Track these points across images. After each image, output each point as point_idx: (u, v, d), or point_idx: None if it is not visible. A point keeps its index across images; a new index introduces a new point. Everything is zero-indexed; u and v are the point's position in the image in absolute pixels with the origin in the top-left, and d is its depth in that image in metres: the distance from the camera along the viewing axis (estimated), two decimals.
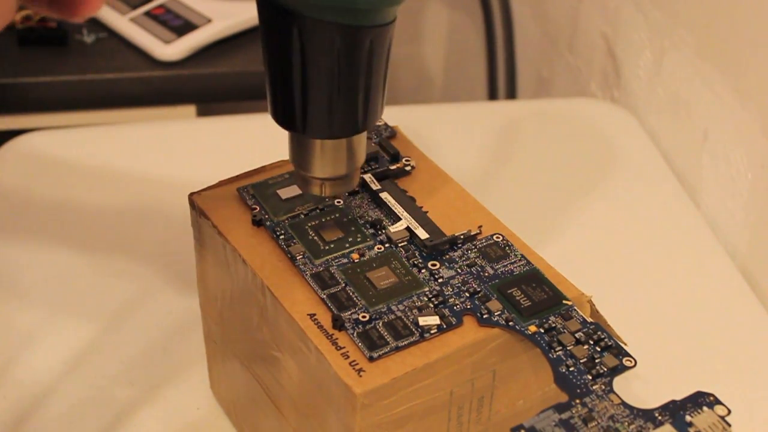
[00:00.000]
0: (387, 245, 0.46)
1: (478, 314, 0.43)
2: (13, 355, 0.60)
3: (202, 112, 1.11)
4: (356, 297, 0.43)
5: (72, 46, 1.07)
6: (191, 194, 0.49)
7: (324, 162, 0.44)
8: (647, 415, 0.38)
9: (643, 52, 0.84)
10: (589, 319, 0.43)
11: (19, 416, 0.56)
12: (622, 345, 0.42)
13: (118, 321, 0.62)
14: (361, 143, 0.44)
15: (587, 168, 0.78)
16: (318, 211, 0.48)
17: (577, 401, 0.39)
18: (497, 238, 0.47)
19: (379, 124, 0.53)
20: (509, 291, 0.44)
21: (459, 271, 0.45)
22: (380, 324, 0.42)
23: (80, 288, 0.64)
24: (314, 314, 0.43)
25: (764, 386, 0.60)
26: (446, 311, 0.43)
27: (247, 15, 1.10)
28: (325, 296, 0.43)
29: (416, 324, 0.42)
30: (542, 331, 0.42)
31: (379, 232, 0.47)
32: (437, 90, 1.44)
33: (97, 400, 0.57)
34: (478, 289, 0.44)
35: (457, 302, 0.43)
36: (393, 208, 0.48)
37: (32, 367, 0.59)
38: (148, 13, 1.10)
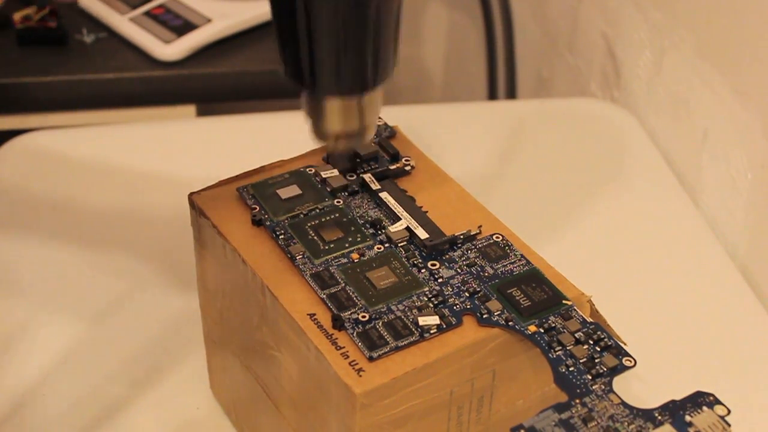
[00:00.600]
0: (387, 245, 0.46)
1: (478, 314, 0.43)
2: (12, 353, 0.60)
3: (202, 112, 1.11)
4: (356, 297, 0.43)
5: (72, 46, 1.07)
6: (191, 194, 0.49)
7: (334, 118, 0.43)
8: (647, 415, 0.38)
9: (643, 52, 0.84)
10: (589, 319, 0.43)
11: (19, 414, 0.56)
12: (622, 345, 0.42)
13: (118, 320, 0.62)
14: (374, 99, 0.43)
15: (587, 168, 0.78)
16: (318, 210, 0.48)
17: (577, 401, 0.39)
18: (497, 238, 0.47)
19: (379, 124, 0.53)
20: (509, 291, 0.44)
21: (459, 271, 0.45)
22: (380, 324, 0.42)
23: (80, 287, 0.64)
24: (314, 314, 0.43)
25: (764, 386, 0.60)
26: (446, 311, 0.43)
27: (247, 15, 1.10)
28: (324, 296, 0.43)
29: (416, 324, 0.42)
30: (542, 331, 0.42)
31: (379, 232, 0.47)
32: (437, 90, 1.44)
33: (96, 400, 0.57)
34: (478, 289, 0.44)
35: (456, 302, 0.43)
36: (393, 208, 0.48)
37: (32, 365, 0.59)
38: (148, 13, 1.10)
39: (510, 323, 0.42)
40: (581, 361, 0.41)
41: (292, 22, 0.40)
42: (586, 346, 0.41)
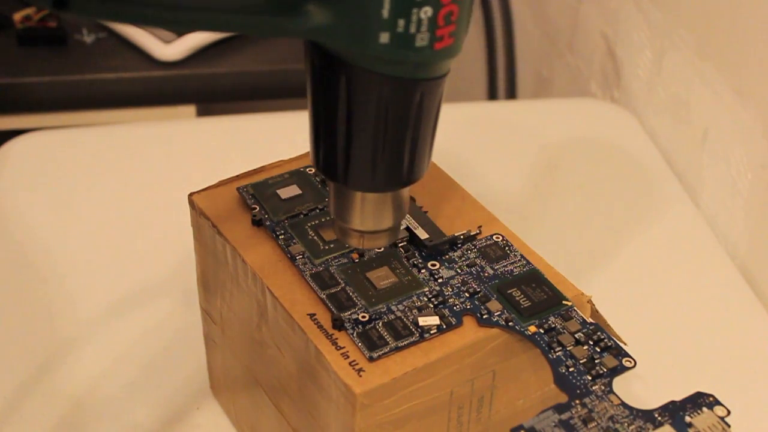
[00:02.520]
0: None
1: (478, 314, 0.43)
2: (11, 353, 0.60)
3: (202, 112, 1.11)
4: (356, 297, 0.43)
5: (72, 46, 1.08)
6: (191, 194, 0.49)
7: (365, 215, 0.42)
8: (647, 415, 0.38)
9: (643, 52, 0.84)
10: (589, 320, 0.43)
11: (18, 414, 0.56)
12: (622, 345, 0.42)
13: (118, 320, 0.62)
14: (404, 197, 0.42)
15: (587, 168, 0.78)
16: (318, 210, 0.48)
17: (577, 402, 0.39)
18: (497, 238, 0.47)
19: None
20: (509, 291, 0.44)
21: (459, 271, 0.45)
22: (380, 324, 0.42)
23: (79, 288, 0.64)
24: (314, 314, 0.43)
25: (764, 386, 0.60)
26: (446, 311, 0.43)
27: None
28: (324, 296, 0.43)
29: (416, 324, 0.42)
30: (542, 331, 0.42)
31: None
32: None
33: (96, 400, 0.57)
34: (478, 290, 0.44)
35: (456, 302, 0.43)
36: None
37: (31, 365, 0.59)
38: None
39: (510, 324, 0.42)
40: (581, 361, 0.41)
41: (331, 117, 0.39)
42: (586, 347, 0.41)
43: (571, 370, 0.41)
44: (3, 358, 0.59)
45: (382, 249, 0.46)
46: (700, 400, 0.39)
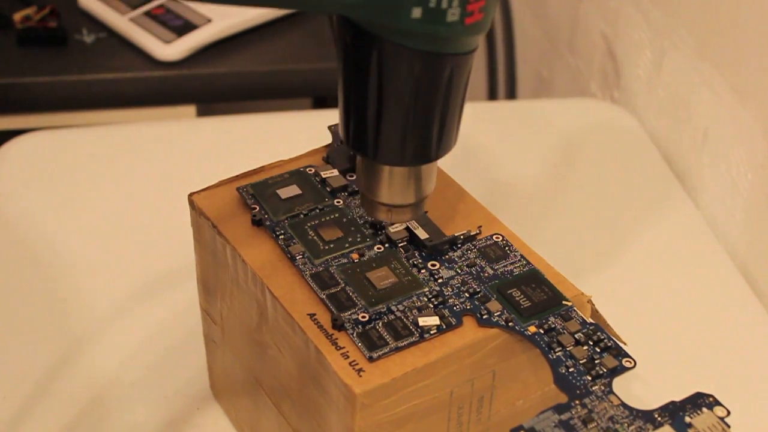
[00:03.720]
0: (387, 245, 0.46)
1: (478, 315, 0.43)
2: (11, 353, 0.60)
3: (202, 112, 1.11)
4: (356, 297, 0.43)
5: (72, 46, 1.07)
6: (191, 194, 0.49)
7: (392, 189, 0.42)
8: (647, 416, 0.38)
9: (643, 52, 0.84)
10: (589, 320, 0.43)
11: (21, 415, 0.56)
12: (622, 345, 0.42)
13: (118, 320, 0.62)
14: (432, 172, 0.43)
15: (587, 168, 0.78)
16: (318, 210, 0.48)
17: (577, 402, 0.39)
18: (497, 238, 0.47)
19: None
20: (509, 291, 0.44)
21: (459, 271, 0.45)
22: (380, 324, 0.42)
23: (79, 288, 0.64)
24: (314, 314, 0.43)
25: (764, 386, 0.60)
26: (446, 311, 0.43)
27: (247, 15, 1.10)
28: (324, 296, 0.43)
29: (416, 324, 0.42)
30: (542, 331, 0.42)
31: (379, 232, 0.47)
32: None
33: (96, 400, 0.57)
34: (478, 290, 0.44)
35: (456, 302, 0.43)
36: None
37: (31, 365, 0.59)
38: (148, 13, 1.10)
39: (510, 324, 0.42)
40: (581, 362, 0.41)
41: (361, 92, 0.39)
42: (586, 347, 0.41)
43: (571, 370, 0.41)
44: (4, 359, 0.59)
45: (382, 249, 0.46)
46: (700, 401, 0.39)
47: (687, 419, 0.38)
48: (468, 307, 0.43)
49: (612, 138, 0.82)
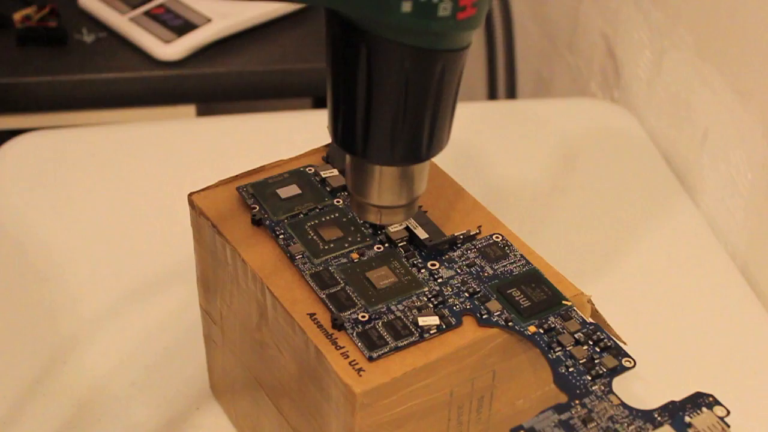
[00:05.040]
0: (386, 245, 0.46)
1: (478, 314, 0.43)
2: (9, 353, 0.60)
3: (202, 112, 1.11)
4: (356, 297, 0.43)
5: (72, 46, 1.08)
6: (191, 194, 0.49)
7: (383, 189, 0.42)
8: (646, 415, 0.38)
9: (643, 52, 0.84)
10: (589, 320, 0.43)
11: (19, 415, 0.56)
12: (622, 345, 0.42)
13: (118, 321, 0.62)
14: (423, 172, 0.42)
15: (587, 168, 0.78)
16: (317, 210, 0.48)
17: (577, 402, 0.39)
18: (497, 238, 0.47)
19: None
20: (509, 291, 0.44)
21: (458, 271, 0.45)
22: (380, 324, 0.42)
23: (79, 288, 0.64)
24: (314, 314, 0.43)
25: (764, 386, 0.60)
26: (446, 311, 0.43)
27: (247, 15, 1.10)
28: (324, 296, 0.43)
29: (416, 324, 0.42)
30: (542, 331, 0.42)
31: (379, 232, 0.47)
32: None
33: (96, 400, 0.57)
34: (478, 290, 0.44)
35: (456, 302, 0.43)
36: None
37: (31, 365, 0.59)
38: (147, 13, 1.10)
39: (510, 324, 0.42)
40: (581, 361, 0.41)
41: (350, 88, 0.38)
42: (585, 347, 0.41)
43: (570, 370, 0.41)
44: (3, 358, 0.59)
45: (382, 249, 0.46)
46: (700, 400, 0.39)
47: (687, 419, 0.38)
48: (468, 307, 0.43)
49: (612, 138, 0.82)
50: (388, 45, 0.36)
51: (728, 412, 0.38)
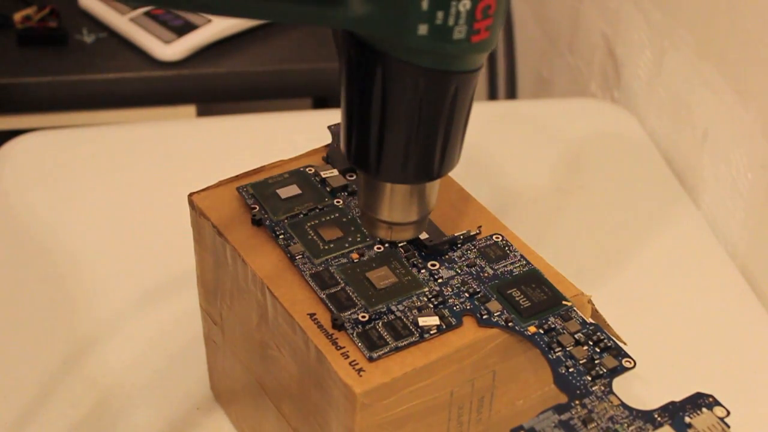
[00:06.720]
0: (387, 245, 0.46)
1: (478, 315, 0.43)
2: (12, 355, 0.60)
3: (202, 112, 1.11)
4: (356, 297, 0.43)
5: (72, 46, 1.08)
6: (191, 194, 0.49)
7: (393, 206, 0.42)
8: (646, 416, 0.38)
9: (643, 52, 0.84)
10: (589, 320, 0.43)
11: (25, 418, 0.56)
12: (622, 345, 0.42)
13: (118, 321, 0.62)
14: (434, 189, 0.43)
15: (587, 168, 0.78)
16: (317, 210, 0.48)
17: (577, 402, 0.39)
18: (497, 238, 0.47)
19: None
20: (509, 291, 0.44)
21: (458, 271, 0.45)
22: (380, 324, 0.42)
23: (79, 288, 0.64)
24: (314, 314, 0.43)
25: (764, 386, 0.60)
26: (446, 311, 0.43)
27: None
28: (324, 296, 0.43)
29: (416, 324, 0.42)
30: (542, 331, 0.42)
31: None
32: None
33: (96, 400, 0.57)
34: (478, 290, 0.44)
35: (456, 302, 0.43)
36: None
37: (35, 368, 0.59)
38: (148, 13, 1.10)
39: (510, 324, 0.42)
40: (581, 362, 0.41)
41: (365, 108, 0.39)
42: (585, 347, 0.41)
43: (570, 370, 0.41)
44: (5, 360, 0.59)
45: (382, 249, 0.46)
46: (700, 401, 0.39)
47: (687, 419, 0.38)
48: (468, 307, 0.43)
49: (612, 138, 0.82)
50: (403, 66, 0.37)
51: (728, 413, 0.38)
